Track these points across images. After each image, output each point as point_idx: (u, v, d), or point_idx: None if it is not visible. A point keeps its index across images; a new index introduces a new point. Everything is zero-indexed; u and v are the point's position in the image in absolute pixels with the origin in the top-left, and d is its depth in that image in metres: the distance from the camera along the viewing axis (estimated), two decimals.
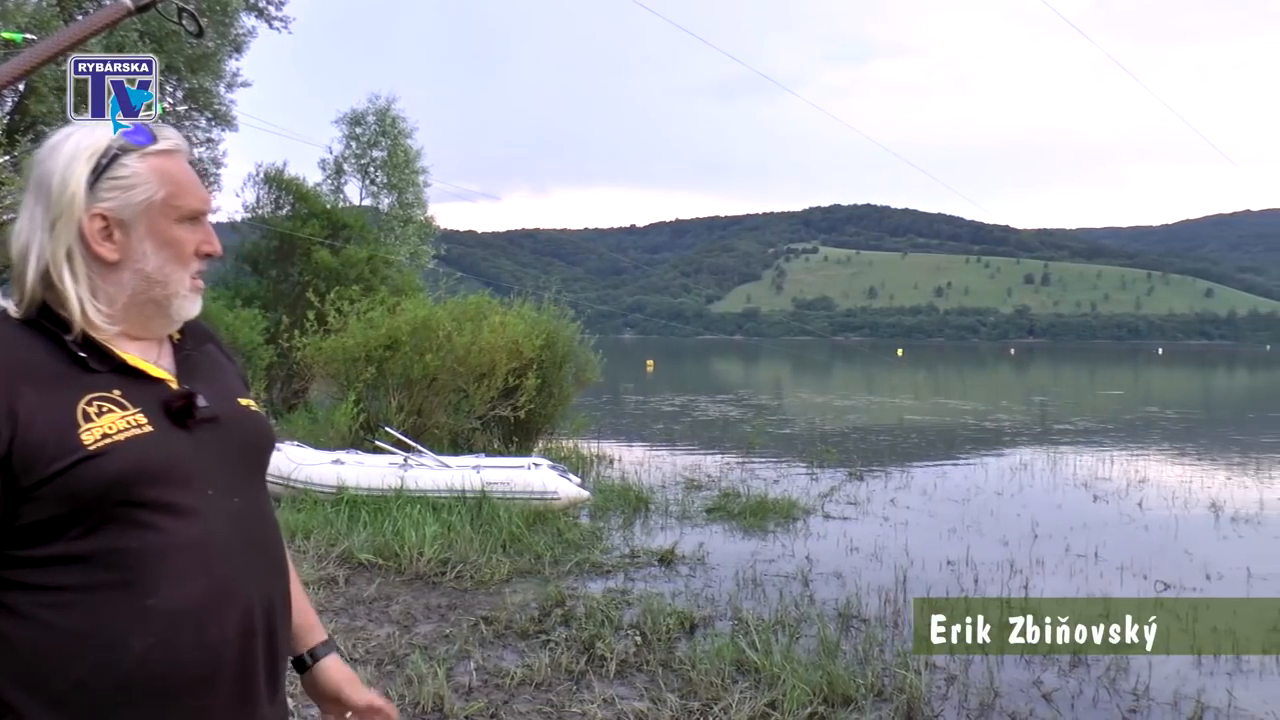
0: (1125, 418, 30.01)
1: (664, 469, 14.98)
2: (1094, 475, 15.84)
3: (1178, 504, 13.28)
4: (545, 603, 7.19)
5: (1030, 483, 15.00)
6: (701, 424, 23.70)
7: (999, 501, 13.22)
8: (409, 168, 31.76)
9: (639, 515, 11.26)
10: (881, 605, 7.67)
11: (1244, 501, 13.46)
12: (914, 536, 10.59)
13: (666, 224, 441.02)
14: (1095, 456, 18.29)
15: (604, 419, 20.71)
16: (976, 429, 24.88)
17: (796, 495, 12.63)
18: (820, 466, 15.79)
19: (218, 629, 1.52)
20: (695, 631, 6.76)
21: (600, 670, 5.90)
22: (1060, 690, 6.09)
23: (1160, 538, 11.06)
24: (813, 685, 5.59)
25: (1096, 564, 9.63)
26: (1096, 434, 23.39)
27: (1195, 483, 15.18)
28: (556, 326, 15.03)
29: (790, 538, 10.42)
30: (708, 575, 8.59)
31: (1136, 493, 14.14)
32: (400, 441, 11.10)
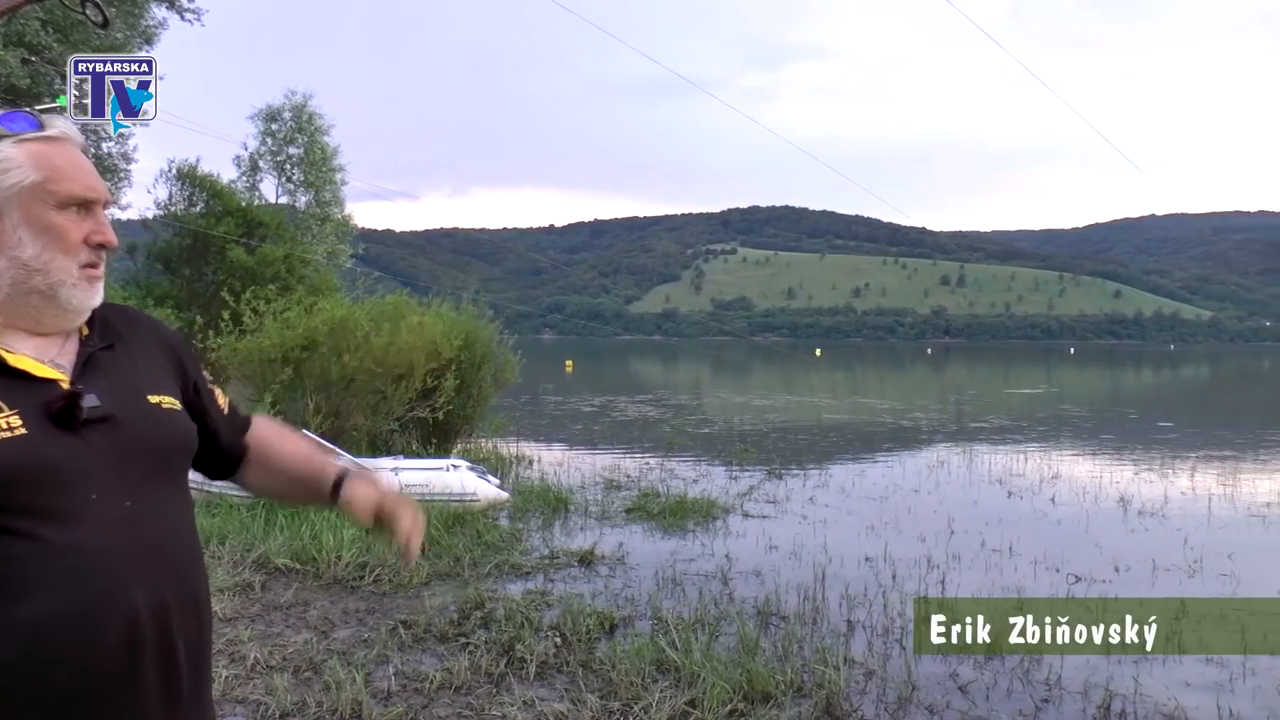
0: (1039, 415, 30.60)
1: (583, 469, 14.98)
2: (1008, 472, 16.14)
3: (1088, 499, 13.60)
4: (465, 605, 7.15)
5: (947, 480, 15.24)
6: (621, 424, 23.71)
7: (916, 499, 13.41)
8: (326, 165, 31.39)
9: (558, 516, 11.24)
10: (801, 602, 7.74)
11: (1150, 496, 13.81)
12: (833, 534, 10.70)
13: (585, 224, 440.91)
14: (1010, 454, 18.63)
15: (523, 420, 20.64)
16: (894, 427, 25.21)
17: (716, 494, 12.70)
18: (739, 466, 15.89)
19: (91, 637, 1.47)
20: (615, 631, 6.77)
21: (520, 672, 5.88)
22: (976, 682, 6.20)
23: (1072, 532, 11.32)
24: (733, 683, 5.63)
25: (1011, 558, 9.82)
26: (1011, 432, 23.82)
27: (1105, 478, 15.55)
28: (475, 327, 14.96)
29: (710, 537, 10.47)
30: (627, 575, 8.61)
31: (1049, 488, 14.45)
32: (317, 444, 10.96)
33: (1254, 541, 11.13)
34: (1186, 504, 13.33)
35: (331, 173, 31.64)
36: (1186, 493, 14.28)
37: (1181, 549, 10.39)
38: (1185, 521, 12.02)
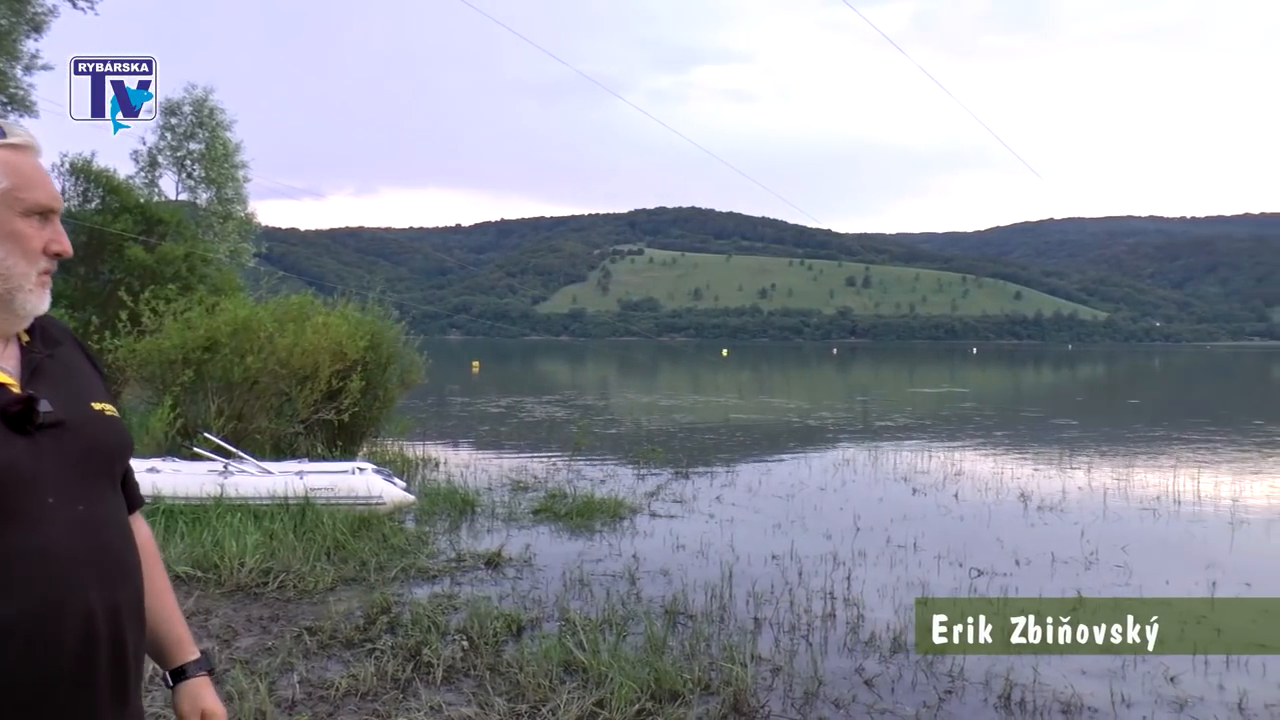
0: (943, 414, 31.16)
1: (490, 471, 14.90)
2: (913, 469, 16.40)
3: (990, 494, 13.90)
4: (370, 610, 7.07)
5: (852, 477, 15.45)
6: (528, 425, 23.64)
7: (822, 496, 13.57)
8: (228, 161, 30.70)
9: (465, 518, 11.18)
10: (708, 601, 7.80)
11: (1049, 491, 14.16)
12: (739, 533, 10.79)
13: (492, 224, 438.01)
14: (914, 451, 18.93)
15: (430, 421, 20.50)
16: (800, 427, 25.48)
17: (623, 495, 12.72)
18: (646, 466, 15.94)
19: (54, 638, 1.48)
20: (523, 634, 6.76)
21: (427, 677, 5.84)
22: (881, 676, 6.31)
23: (974, 527, 11.56)
24: (640, 682, 5.65)
25: (916, 554, 9.99)
26: (915, 430, 24.21)
27: (1006, 475, 15.89)
28: (381, 327, 14.81)
29: (617, 537, 10.49)
30: (535, 577, 8.59)
31: (953, 485, 14.73)
32: (220, 447, 10.76)
33: (1146, 533, 11.47)
34: (1083, 499, 13.69)
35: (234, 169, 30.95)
36: (1083, 488, 14.66)
37: (1079, 542, 10.68)
38: (1082, 515, 12.34)
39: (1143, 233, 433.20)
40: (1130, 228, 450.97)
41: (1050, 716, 5.75)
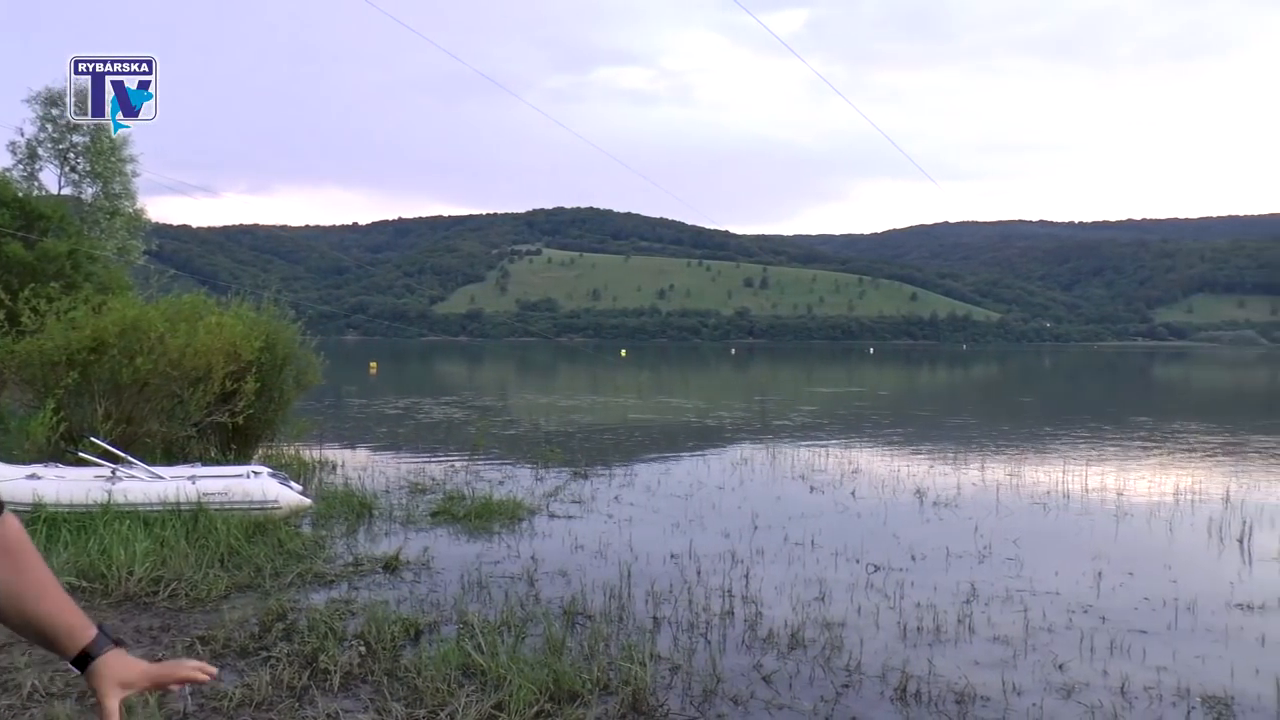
0: (840, 413, 31.58)
1: (388, 473, 14.74)
2: (811, 467, 16.60)
3: (887, 491, 14.14)
4: (266, 617, 6.95)
5: (751, 476, 15.58)
6: (426, 426, 23.43)
7: (721, 495, 13.66)
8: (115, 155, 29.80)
9: (363, 522, 11.04)
10: (607, 601, 7.81)
11: (944, 487, 14.46)
12: (638, 532, 10.83)
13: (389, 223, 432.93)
14: (812, 450, 19.16)
15: (326, 423, 20.20)
16: (699, 426, 25.63)
17: (522, 496, 12.68)
18: (545, 466, 15.90)
19: None
20: (421, 638, 6.70)
21: (324, 684, 5.76)
22: (779, 672, 6.38)
23: (871, 524, 11.76)
24: (539, 684, 5.64)
25: (813, 551, 10.12)
26: (813, 429, 24.51)
27: (902, 472, 16.18)
28: (277, 327, 14.57)
29: (516, 538, 10.45)
30: (433, 580, 8.52)
31: (850, 482, 14.94)
32: (107, 452, 10.44)
33: (1036, 527, 11.78)
34: (977, 494, 14.00)
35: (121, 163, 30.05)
36: (977, 484, 14.98)
37: (973, 536, 10.93)
38: (976, 511, 12.63)
39: (1033, 237, 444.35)
40: (1022, 232, 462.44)
41: (945, 707, 5.86)
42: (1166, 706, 5.96)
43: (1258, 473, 16.97)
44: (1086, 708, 5.88)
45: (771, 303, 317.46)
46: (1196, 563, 10.06)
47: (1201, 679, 6.41)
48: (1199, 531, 11.60)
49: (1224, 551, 10.61)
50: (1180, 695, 6.12)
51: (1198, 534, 11.48)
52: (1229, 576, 9.39)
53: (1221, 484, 15.19)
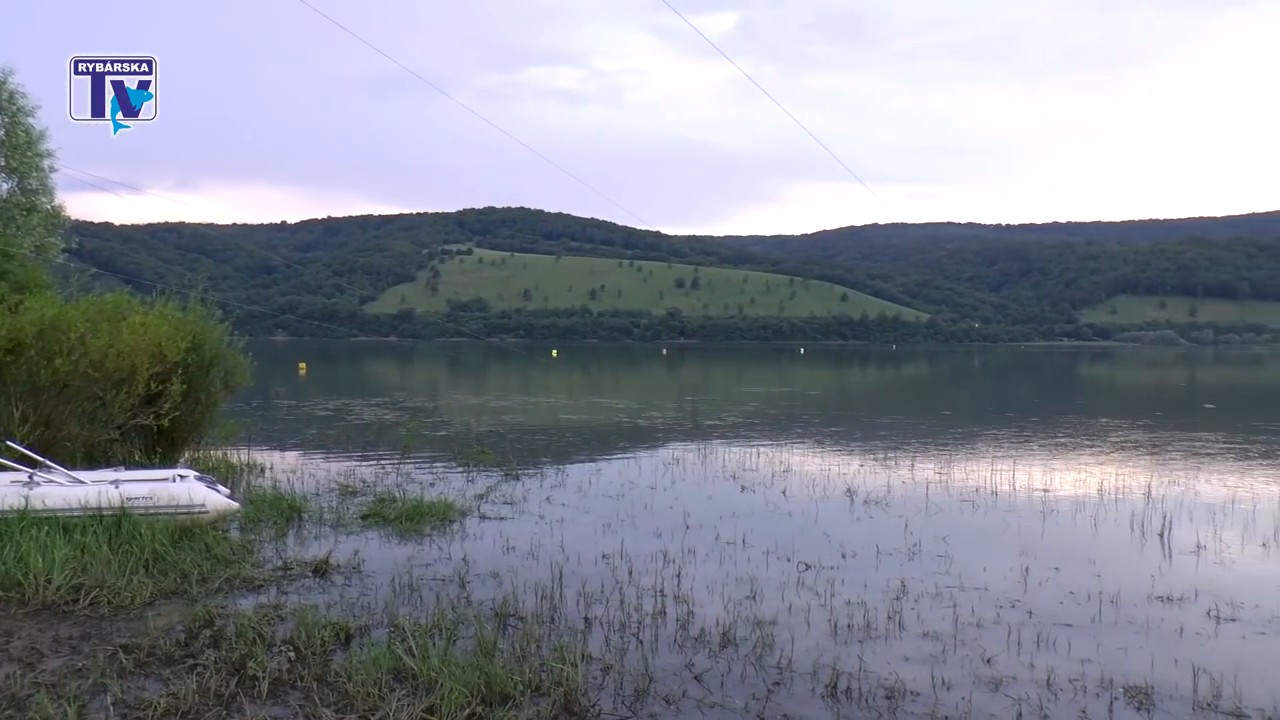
0: (771, 413, 31.76)
1: (318, 476, 14.59)
2: (742, 467, 16.68)
3: (818, 490, 14.24)
4: (192, 624, 6.84)
5: (682, 476, 15.62)
6: (356, 428, 23.19)
7: (652, 495, 13.68)
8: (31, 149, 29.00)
9: (292, 525, 10.90)
10: (538, 602, 7.78)
11: (874, 486, 14.61)
12: (570, 533, 10.81)
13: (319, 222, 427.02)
14: (743, 449, 19.26)
15: (255, 425, 19.96)
16: (630, 426, 25.64)
17: (453, 497, 12.61)
18: (476, 468, 15.83)
19: None
20: (351, 642, 6.63)
21: (252, 691, 5.67)
22: (711, 670, 6.40)
23: (802, 522, 11.84)
24: (471, 686, 5.62)
25: (745, 550, 10.17)
26: (744, 429, 24.61)
27: (833, 470, 16.30)
28: (203, 328, 14.33)
29: (447, 540, 10.38)
30: (364, 583, 8.43)
31: (781, 481, 15.04)
32: (24, 456, 10.19)
33: (965, 524, 11.94)
34: (907, 492, 14.15)
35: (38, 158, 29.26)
36: (907, 482, 15.15)
37: (903, 534, 11.06)
38: (906, 508, 12.78)
39: (962, 239, 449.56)
40: (950, 234, 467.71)
41: (875, 702, 5.92)
42: (1090, 697, 6.08)
43: (1177, 469, 17.33)
44: (1013, 700, 5.98)
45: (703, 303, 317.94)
46: (1119, 557, 10.26)
47: (1124, 669, 6.56)
48: (1122, 527, 11.84)
49: (1145, 546, 10.83)
50: (1104, 686, 6.25)
51: (1120, 529, 11.71)
52: (1150, 570, 9.59)
53: (1143, 480, 15.51)
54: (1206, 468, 17.60)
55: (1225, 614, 8.02)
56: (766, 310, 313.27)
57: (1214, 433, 25.04)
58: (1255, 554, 10.50)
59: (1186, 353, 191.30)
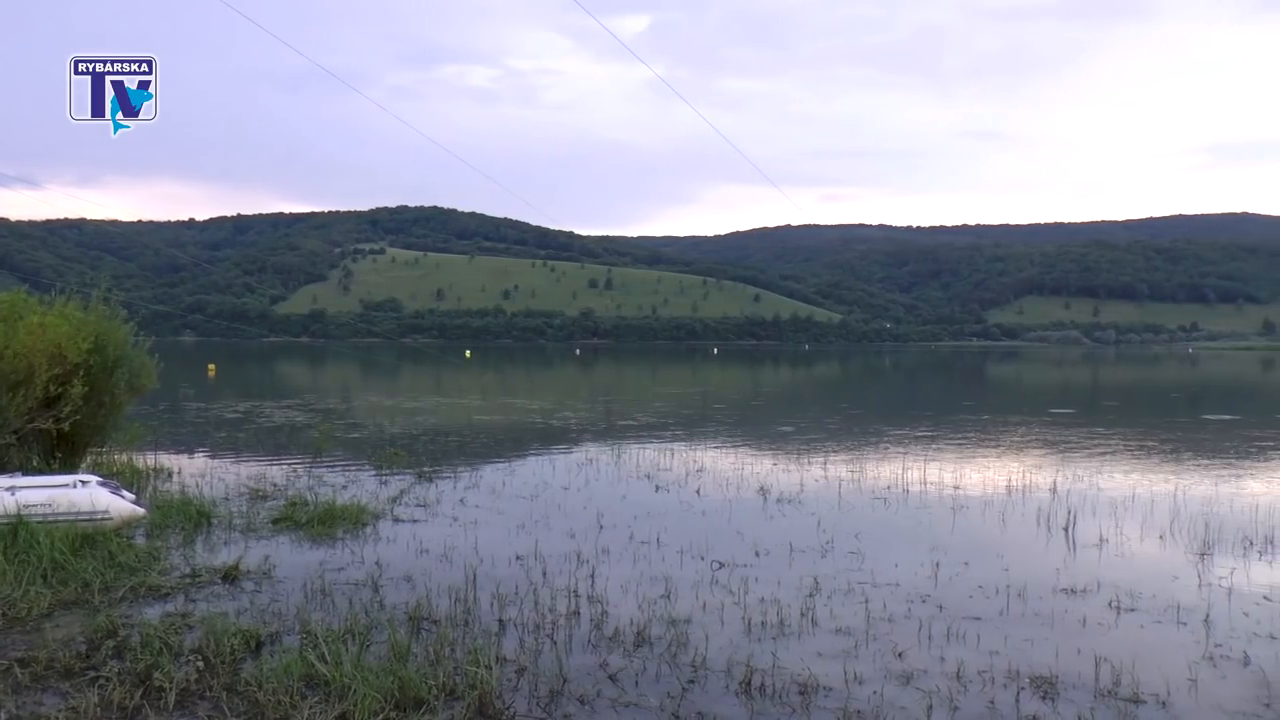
0: (684, 412, 31.90)
1: (227, 480, 14.32)
2: (656, 466, 16.72)
3: (731, 489, 14.33)
4: (94, 635, 6.66)
5: (596, 476, 15.61)
6: (267, 430, 22.83)
7: (566, 496, 13.65)
8: None
9: (201, 531, 10.67)
10: (452, 605, 7.73)
11: (788, 484, 14.73)
12: (483, 535, 10.75)
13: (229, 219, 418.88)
14: (657, 449, 19.31)
15: (161, 429, 19.57)
16: (544, 427, 25.58)
17: (366, 500, 12.46)
18: (389, 470, 15.68)
19: None
20: (262, 649, 6.52)
21: (158, 703, 5.55)
22: (625, 670, 6.41)
23: (716, 521, 11.90)
24: (384, 691, 5.56)
25: (659, 549, 10.19)
26: (658, 428, 24.67)
27: (747, 469, 16.41)
28: (107, 328, 13.96)
29: (360, 544, 10.25)
30: (275, 589, 8.29)
31: (695, 481, 15.09)
32: None
33: (877, 521, 12.10)
34: (820, 490, 14.30)
35: None
36: (820, 480, 15.30)
37: (815, 531, 11.17)
38: (819, 507, 12.92)
39: (873, 240, 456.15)
40: (862, 235, 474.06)
41: (789, 698, 5.97)
42: (998, 688, 6.20)
43: (1081, 465, 17.73)
44: (924, 693, 6.07)
45: (616, 303, 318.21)
46: (1026, 551, 10.47)
47: (1030, 660, 6.71)
48: (1028, 522, 12.08)
49: (1051, 540, 11.07)
50: (1011, 677, 6.39)
51: (1027, 524, 11.95)
52: (1055, 563, 9.81)
53: (1049, 477, 15.85)
54: (1108, 464, 18.05)
55: (1125, 604, 8.25)
56: (680, 311, 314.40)
57: (1115, 429, 25.74)
58: (1153, 546, 10.80)
59: (1090, 352, 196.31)
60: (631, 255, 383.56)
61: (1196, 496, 14.11)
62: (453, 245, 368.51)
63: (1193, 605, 8.25)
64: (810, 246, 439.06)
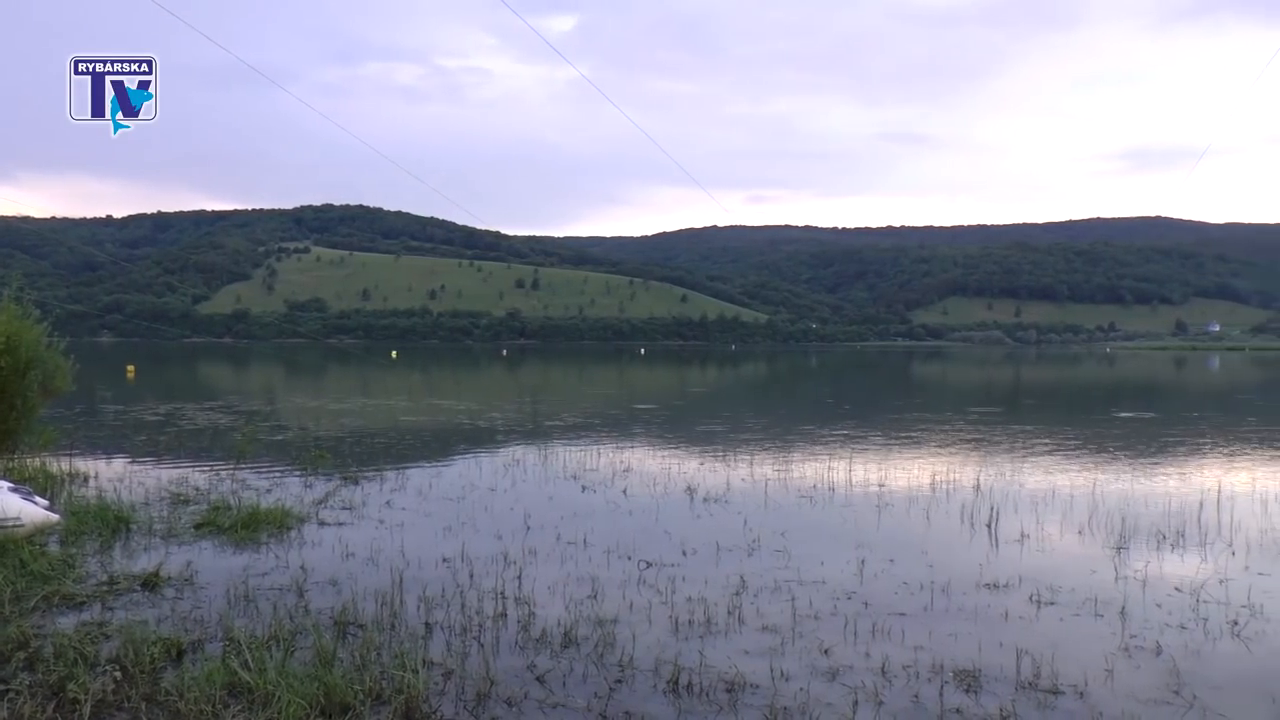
0: (611, 412, 31.91)
1: (147, 484, 14.05)
2: (583, 467, 16.70)
3: (658, 489, 14.36)
4: (4, 647, 6.48)
5: (523, 477, 15.56)
6: (189, 433, 22.45)
7: (493, 497, 13.59)
8: None
9: (119, 537, 10.45)
10: (379, 609, 7.66)
11: (714, 484, 14.79)
12: (410, 537, 10.66)
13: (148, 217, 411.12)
14: (584, 449, 19.29)
15: (78, 432, 19.20)
16: (471, 428, 25.44)
17: (291, 503, 12.30)
18: (315, 472, 15.50)
19: None
20: (183, 658, 6.40)
21: (73, 716, 5.42)
22: (553, 671, 6.40)
23: (643, 521, 11.92)
24: (309, 698, 5.49)
25: (586, 549, 10.18)
26: (585, 429, 24.66)
27: (674, 469, 16.46)
28: (18, 328, 13.62)
29: (284, 548, 10.11)
30: (197, 595, 8.14)
31: (622, 481, 15.11)
32: None
33: (803, 519, 12.20)
34: (746, 489, 14.38)
35: None
36: (746, 479, 15.38)
37: (742, 530, 11.24)
38: (745, 505, 12.99)
39: (799, 241, 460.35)
40: (788, 236, 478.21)
41: (716, 696, 6.00)
42: (923, 683, 6.29)
43: (1003, 462, 18.03)
44: (850, 689, 6.13)
45: (543, 304, 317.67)
46: (950, 547, 10.62)
47: (954, 655, 6.81)
48: (952, 518, 12.26)
49: (974, 536, 11.24)
50: (935, 671, 6.48)
51: (951, 521, 12.13)
52: (978, 559, 9.97)
53: (972, 474, 16.09)
54: (1030, 461, 18.37)
55: (1045, 598, 8.42)
56: (607, 311, 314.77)
57: (1036, 427, 26.22)
58: (1072, 541, 11.02)
59: (1012, 351, 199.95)
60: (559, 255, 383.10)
61: (1113, 492, 14.41)
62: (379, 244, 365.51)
63: (1109, 598, 8.44)
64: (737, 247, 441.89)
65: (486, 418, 28.69)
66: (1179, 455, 20.17)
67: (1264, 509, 13.13)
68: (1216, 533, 11.45)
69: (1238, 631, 7.55)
